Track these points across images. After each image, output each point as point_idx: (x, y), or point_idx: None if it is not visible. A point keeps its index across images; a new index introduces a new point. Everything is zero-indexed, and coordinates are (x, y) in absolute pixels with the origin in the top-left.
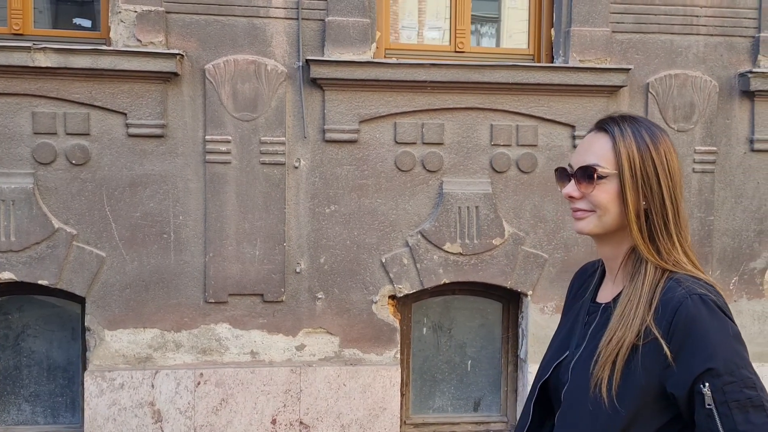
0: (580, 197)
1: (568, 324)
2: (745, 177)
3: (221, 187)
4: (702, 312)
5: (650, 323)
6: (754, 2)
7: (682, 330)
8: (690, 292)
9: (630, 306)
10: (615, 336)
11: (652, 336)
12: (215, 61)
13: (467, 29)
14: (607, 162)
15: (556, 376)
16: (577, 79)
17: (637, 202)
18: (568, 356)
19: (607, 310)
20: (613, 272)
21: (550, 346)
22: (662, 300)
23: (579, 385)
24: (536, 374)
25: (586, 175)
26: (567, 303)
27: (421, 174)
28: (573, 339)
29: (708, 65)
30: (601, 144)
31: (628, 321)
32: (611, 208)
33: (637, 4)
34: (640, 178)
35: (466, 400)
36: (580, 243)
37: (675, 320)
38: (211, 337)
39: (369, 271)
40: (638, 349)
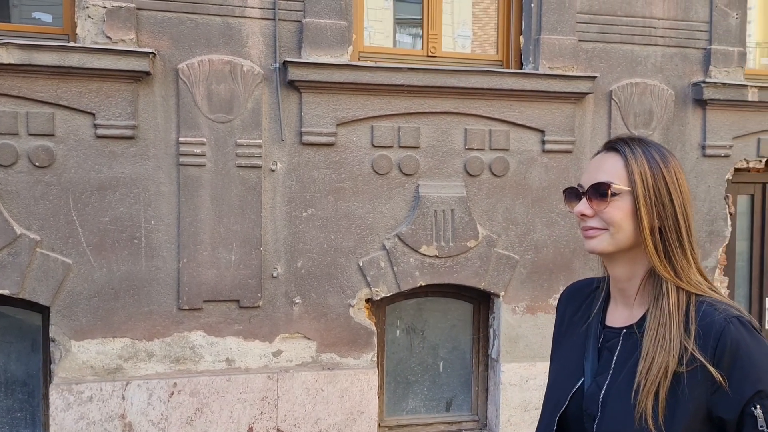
0: (592, 215)
1: (574, 348)
2: (698, 181)
3: (196, 190)
4: (744, 336)
5: (693, 350)
6: (705, 16)
7: (729, 355)
8: (728, 316)
9: (662, 331)
10: (655, 364)
11: (698, 363)
12: (189, 60)
13: (439, 34)
14: (620, 179)
15: (577, 406)
16: (547, 85)
17: (651, 219)
18: (592, 386)
19: (631, 336)
20: (627, 295)
21: (558, 371)
22: (701, 325)
23: (616, 417)
24: (547, 402)
25: (598, 193)
26: (563, 323)
27: (398, 177)
28: (588, 365)
29: (665, 75)
30: (613, 162)
31: (666, 347)
32: (624, 226)
33: (601, 15)
34: (653, 196)
35: (439, 401)
36: (549, 245)
37: (720, 346)
38: (184, 346)
39: (346, 274)
40: (682, 376)
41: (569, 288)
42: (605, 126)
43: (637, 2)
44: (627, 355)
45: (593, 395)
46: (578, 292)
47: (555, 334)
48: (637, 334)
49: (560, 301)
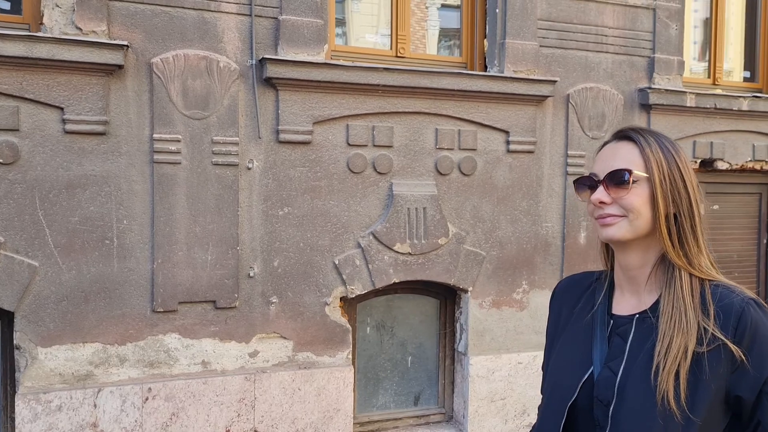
0: (610, 202)
1: (578, 338)
2: None
3: (170, 188)
4: (762, 317)
5: (714, 330)
6: (650, 27)
7: (749, 335)
8: (744, 298)
9: (678, 313)
10: (674, 345)
11: (718, 342)
12: (163, 54)
13: (407, 35)
14: (638, 166)
15: (587, 395)
16: (513, 88)
17: (667, 205)
18: (604, 372)
19: (645, 321)
20: (637, 282)
21: (562, 361)
22: (720, 306)
23: (636, 401)
24: (552, 393)
25: (618, 180)
26: (561, 315)
27: (372, 176)
28: (596, 354)
29: (615, 80)
30: (628, 150)
31: (684, 329)
32: (643, 212)
33: (558, 22)
34: (668, 183)
35: (407, 395)
36: (513, 241)
37: (741, 326)
38: (159, 349)
39: (322, 273)
40: (703, 356)
41: (565, 282)
42: (563, 128)
43: (591, 11)
44: (642, 339)
45: (607, 381)
46: (576, 284)
47: (552, 326)
48: (652, 319)
49: (556, 295)
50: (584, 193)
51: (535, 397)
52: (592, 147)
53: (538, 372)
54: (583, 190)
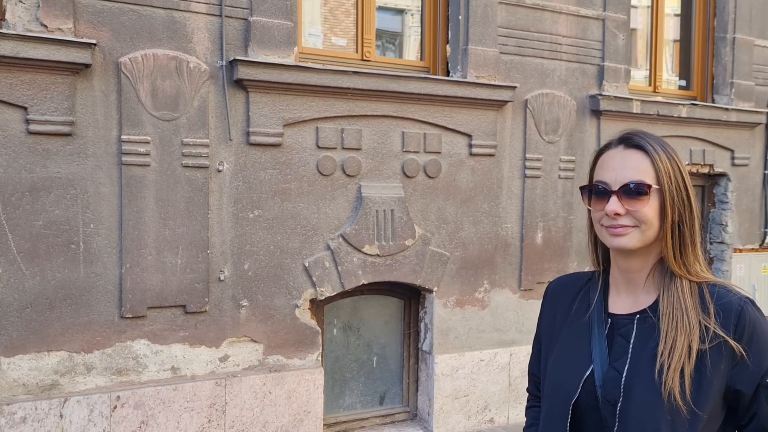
0: (624, 214)
1: (576, 337)
2: None
3: (139, 191)
4: (758, 314)
5: (715, 328)
6: (599, 36)
7: (748, 332)
8: (741, 297)
9: (679, 314)
10: (678, 344)
11: (720, 339)
12: (132, 54)
13: (373, 39)
14: (650, 178)
15: (590, 393)
16: (476, 93)
17: (674, 216)
18: (610, 372)
19: (646, 321)
20: (635, 284)
21: (561, 361)
22: (719, 305)
23: (643, 399)
24: (555, 393)
25: (634, 193)
26: (556, 316)
27: (342, 178)
28: (595, 352)
29: (568, 87)
30: (640, 160)
31: (687, 329)
32: (655, 223)
33: (516, 30)
34: (675, 192)
35: (373, 395)
36: (475, 242)
37: (740, 323)
38: (127, 356)
39: (292, 275)
40: (705, 353)
41: (557, 283)
42: (521, 132)
43: (546, 21)
44: (645, 339)
45: (613, 381)
46: (569, 285)
47: (548, 327)
48: (653, 318)
49: (548, 296)
50: (593, 201)
51: (496, 393)
52: (548, 150)
53: (500, 368)
54: (592, 198)
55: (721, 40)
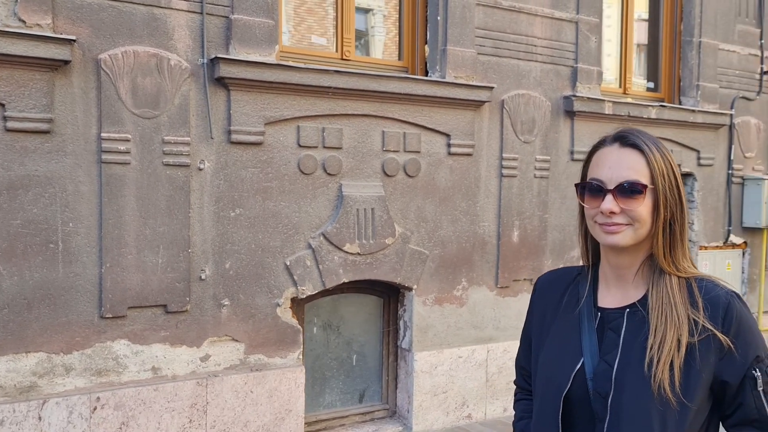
0: (620, 212)
1: (566, 331)
2: (568, 182)
3: (119, 189)
4: (743, 308)
5: (703, 321)
6: (573, 39)
7: (735, 325)
8: (728, 292)
9: (668, 308)
10: (667, 338)
11: (708, 332)
12: (111, 51)
13: (352, 38)
14: (645, 177)
15: (581, 386)
16: (455, 93)
17: (666, 214)
18: (601, 365)
19: (636, 314)
20: (625, 279)
21: (552, 355)
22: (707, 299)
23: (633, 391)
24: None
25: (630, 192)
26: (547, 310)
27: (323, 177)
28: (585, 345)
29: (543, 88)
30: (635, 159)
31: (676, 322)
32: (648, 221)
33: (493, 31)
34: (668, 191)
35: (353, 393)
36: (453, 240)
37: (728, 316)
38: (107, 357)
39: (273, 274)
40: (695, 346)
41: (546, 278)
42: (498, 131)
43: (522, 22)
44: (635, 332)
45: (604, 374)
46: (559, 280)
47: (538, 321)
48: (642, 312)
49: (538, 290)
50: (588, 198)
51: (474, 390)
52: (524, 150)
53: (477, 365)
54: (586, 195)
55: (687, 44)
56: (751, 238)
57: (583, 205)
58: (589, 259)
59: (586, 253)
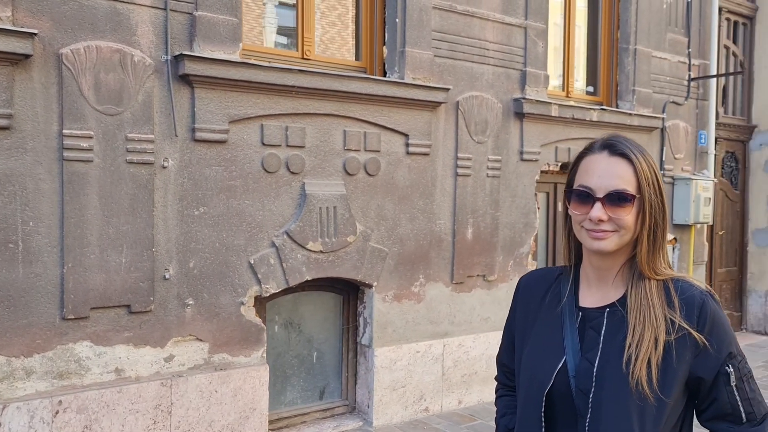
0: (608, 220)
1: (549, 329)
2: (517, 181)
3: (81, 188)
4: (717, 307)
5: (680, 320)
6: (522, 44)
7: (709, 323)
8: (702, 291)
9: (647, 308)
10: (645, 337)
11: (684, 331)
12: (73, 45)
13: (313, 38)
14: (633, 186)
15: (563, 383)
16: (413, 94)
17: (650, 221)
18: (582, 363)
19: (615, 314)
20: (605, 280)
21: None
22: (683, 299)
23: (613, 388)
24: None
25: (618, 201)
26: (529, 309)
27: (286, 175)
28: (567, 343)
29: (495, 90)
30: (624, 169)
31: (654, 323)
32: (632, 228)
33: (449, 35)
34: (653, 199)
35: (313, 390)
36: (411, 238)
37: (702, 315)
38: (69, 359)
39: (237, 273)
40: (672, 344)
41: (529, 277)
42: (453, 132)
43: (475, 26)
44: (614, 331)
45: (586, 371)
46: (541, 279)
47: (522, 319)
48: (622, 311)
49: (521, 290)
50: (576, 204)
51: (431, 383)
52: (477, 150)
53: (434, 359)
54: (574, 201)
55: (624, 51)
56: (681, 234)
57: (572, 212)
58: (571, 259)
59: (568, 253)
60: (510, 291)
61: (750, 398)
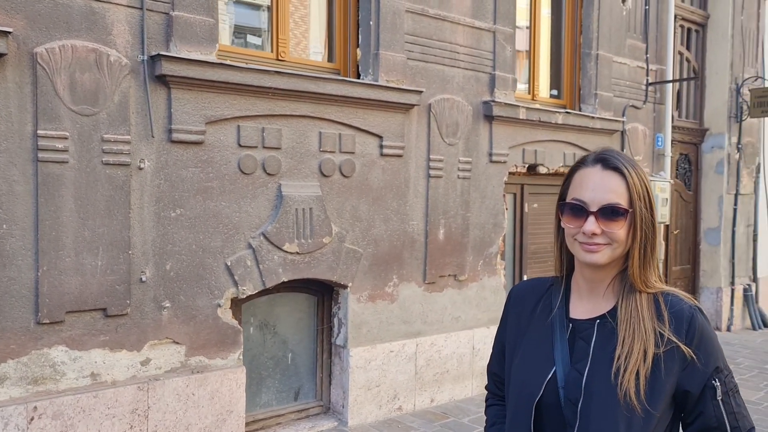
0: (600, 233)
1: (539, 339)
2: (486, 182)
3: (57, 189)
4: (705, 321)
5: (669, 334)
6: (491, 48)
7: (697, 337)
8: (691, 306)
9: (636, 322)
10: (634, 349)
11: (673, 344)
12: (48, 44)
13: (287, 39)
14: (625, 201)
15: (552, 393)
16: (387, 96)
17: (641, 235)
18: (572, 373)
19: (606, 325)
20: (596, 291)
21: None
22: (672, 313)
23: (601, 398)
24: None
25: (611, 215)
26: (521, 319)
27: (262, 177)
28: (557, 354)
29: (466, 93)
30: (617, 183)
31: (643, 335)
32: (624, 242)
33: (421, 38)
34: (645, 213)
35: (288, 392)
36: (385, 239)
37: (691, 329)
38: (44, 364)
39: (214, 275)
40: (660, 357)
41: (521, 287)
42: (426, 134)
43: (447, 30)
44: (604, 342)
45: (575, 381)
46: (533, 290)
47: (513, 329)
48: (612, 323)
49: (512, 300)
50: (569, 217)
51: (404, 382)
52: (449, 152)
53: (407, 359)
54: (568, 215)
55: (586, 56)
56: None
57: (565, 225)
58: (563, 270)
59: (560, 266)
60: (480, 290)
61: (735, 412)
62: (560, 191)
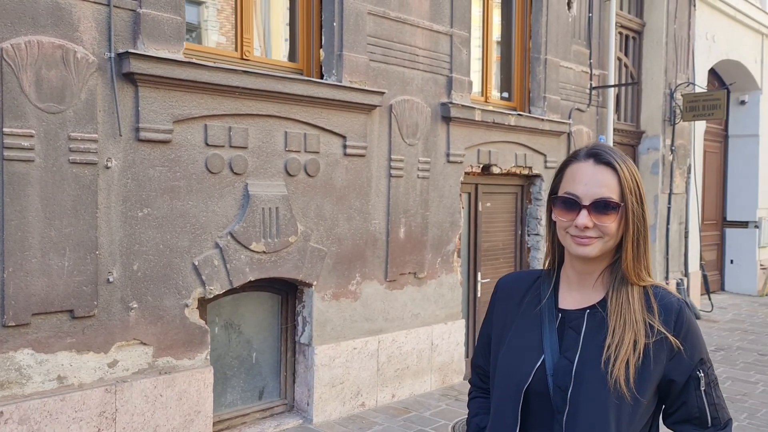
0: (592, 227)
1: (528, 329)
2: (444, 181)
3: (22, 189)
4: (691, 315)
5: (659, 325)
6: (448, 51)
7: (684, 329)
8: (679, 299)
9: (627, 311)
10: (625, 339)
11: (661, 335)
12: (14, 40)
13: (252, 38)
14: (617, 195)
15: (540, 381)
16: (351, 97)
17: (633, 229)
18: (561, 361)
19: (596, 315)
20: (586, 283)
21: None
22: (662, 305)
23: (591, 386)
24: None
25: (603, 209)
26: (508, 309)
27: (229, 176)
28: (546, 343)
29: (425, 94)
30: (609, 177)
31: (634, 326)
32: (615, 235)
33: (382, 40)
34: (636, 207)
35: (253, 391)
36: (349, 237)
37: (679, 321)
38: (9, 368)
39: (182, 274)
40: (649, 347)
41: (508, 279)
42: (387, 134)
43: (406, 33)
44: (594, 331)
45: (565, 369)
46: (521, 281)
47: (500, 319)
48: (602, 313)
49: (499, 291)
50: (562, 211)
51: (367, 379)
52: (409, 152)
53: (369, 355)
54: (560, 208)
55: (535, 60)
56: None
57: (557, 218)
58: (554, 263)
59: (552, 259)
60: (438, 288)
61: (716, 403)
62: (551, 185)
